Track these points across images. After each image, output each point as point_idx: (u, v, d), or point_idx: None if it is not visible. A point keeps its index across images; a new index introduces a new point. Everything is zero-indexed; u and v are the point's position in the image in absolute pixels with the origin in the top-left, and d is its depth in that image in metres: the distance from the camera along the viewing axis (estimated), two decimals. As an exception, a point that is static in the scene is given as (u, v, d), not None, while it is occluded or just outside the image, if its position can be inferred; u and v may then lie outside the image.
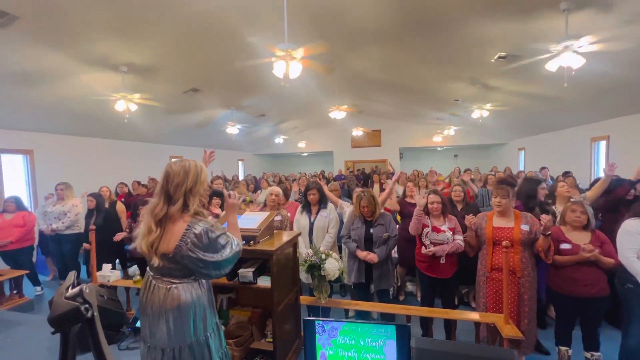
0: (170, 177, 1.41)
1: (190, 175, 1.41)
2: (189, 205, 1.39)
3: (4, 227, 3.94)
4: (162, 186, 1.41)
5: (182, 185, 1.39)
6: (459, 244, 2.63)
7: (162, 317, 1.38)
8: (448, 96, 7.56)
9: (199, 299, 1.45)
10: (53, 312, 0.75)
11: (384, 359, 2.01)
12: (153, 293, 1.40)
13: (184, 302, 1.39)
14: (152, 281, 1.43)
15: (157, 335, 1.39)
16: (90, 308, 0.74)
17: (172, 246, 1.35)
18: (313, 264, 2.39)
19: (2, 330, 3.00)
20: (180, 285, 1.40)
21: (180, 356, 1.39)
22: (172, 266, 1.39)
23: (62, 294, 0.75)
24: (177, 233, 1.36)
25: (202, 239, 1.36)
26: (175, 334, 1.38)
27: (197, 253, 1.36)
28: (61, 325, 0.76)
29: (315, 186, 3.19)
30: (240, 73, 5.73)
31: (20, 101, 4.81)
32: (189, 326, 1.41)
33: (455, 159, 14.49)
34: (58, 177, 5.37)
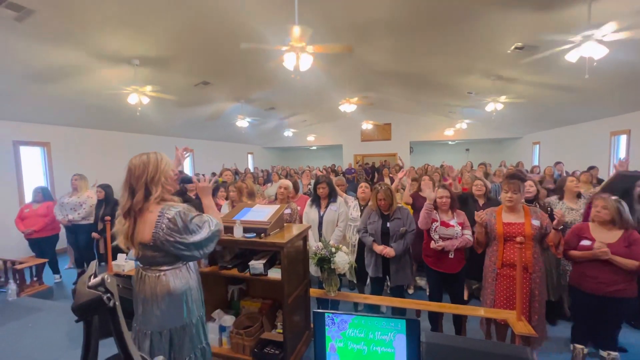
0: (131, 171, 1.47)
1: (149, 166, 1.46)
2: (151, 194, 1.43)
3: (31, 216, 4.12)
4: (125, 180, 1.48)
5: (142, 176, 1.44)
6: (467, 238, 2.61)
7: (154, 303, 1.44)
8: (461, 89, 7.39)
9: (188, 283, 1.52)
10: (76, 301, 0.77)
11: (394, 352, 2.01)
12: (144, 282, 1.47)
13: (174, 289, 1.46)
14: (141, 272, 1.50)
15: (152, 320, 1.45)
16: (112, 297, 0.75)
17: (149, 234, 1.41)
18: (323, 257, 2.40)
19: (24, 315, 3.14)
20: (169, 272, 1.46)
21: (178, 335, 1.48)
22: (156, 254, 1.45)
23: (84, 282, 0.77)
24: (151, 221, 1.42)
25: (176, 222, 1.41)
26: (170, 317, 1.46)
27: (175, 237, 1.41)
28: (84, 314, 0.78)
29: (325, 180, 3.19)
30: (250, 66, 5.72)
31: (36, 94, 4.92)
32: (182, 309, 1.49)
33: (466, 153, 14.24)
34: (74, 168, 5.51)
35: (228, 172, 4.90)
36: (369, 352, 2.06)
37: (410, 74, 6.94)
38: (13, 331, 2.84)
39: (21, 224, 4.11)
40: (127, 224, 1.45)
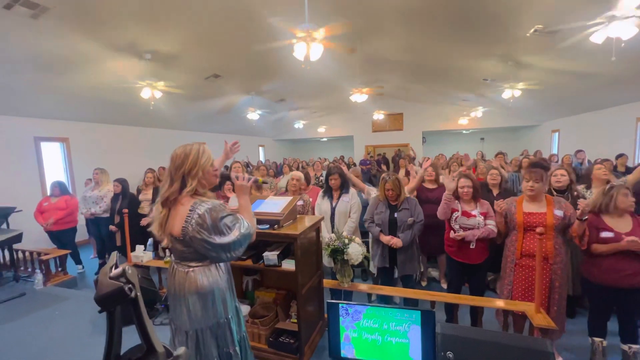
0: (172, 160, 1.45)
1: (189, 158, 1.43)
2: (186, 186, 1.40)
3: (50, 210, 4.29)
4: (168, 169, 1.46)
5: (181, 167, 1.41)
6: (490, 229, 2.53)
7: (182, 300, 1.42)
8: (476, 75, 7.15)
9: (217, 282, 1.46)
10: (99, 292, 0.78)
11: (408, 343, 2.01)
12: (174, 277, 1.45)
13: (202, 287, 1.41)
14: (174, 266, 1.48)
15: (180, 317, 1.44)
16: (133, 288, 0.77)
17: (179, 228, 1.37)
18: (336, 248, 2.40)
19: (51, 303, 3.29)
20: (198, 269, 1.42)
21: (203, 338, 1.42)
22: (184, 249, 1.41)
23: (106, 273, 0.78)
24: (182, 215, 1.38)
25: (205, 219, 1.34)
26: (196, 317, 1.42)
27: (203, 235, 1.34)
28: (107, 305, 0.80)
29: (337, 171, 3.16)
30: (260, 57, 5.68)
31: (54, 90, 5.05)
32: (209, 309, 1.43)
33: (481, 142, 13.87)
34: (92, 163, 5.67)
35: (238, 164, 4.93)
36: (384, 343, 2.07)
37: (423, 61, 6.75)
38: (42, 318, 2.99)
39: (40, 217, 4.28)
40: (163, 212, 1.44)
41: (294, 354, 2.17)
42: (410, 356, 2.02)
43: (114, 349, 0.81)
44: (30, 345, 2.56)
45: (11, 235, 3.38)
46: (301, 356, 2.15)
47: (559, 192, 2.81)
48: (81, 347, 2.49)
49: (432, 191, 3.58)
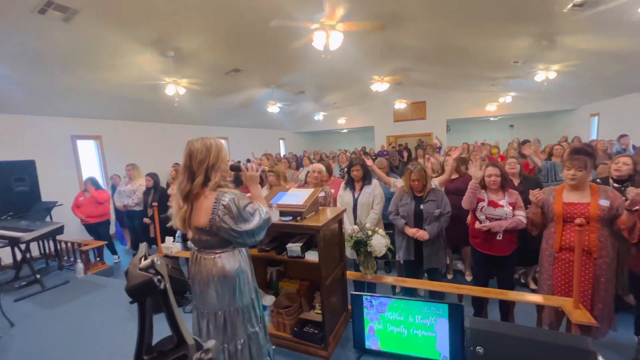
0: (193, 154, 1.46)
1: (212, 152, 1.47)
2: (210, 180, 1.45)
3: (85, 204, 4.59)
4: (184, 164, 1.48)
5: (205, 161, 1.45)
6: (519, 220, 2.41)
7: (211, 285, 1.50)
8: (506, 58, 6.72)
9: (241, 265, 1.56)
10: (129, 283, 0.80)
11: (435, 337, 1.97)
12: (200, 264, 1.53)
13: (229, 271, 1.50)
14: (197, 254, 1.56)
15: (209, 301, 1.52)
16: (162, 279, 0.78)
17: (206, 219, 1.44)
18: (359, 240, 2.37)
19: (91, 291, 3.52)
20: (223, 255, 1.51)
21: (231, 318, 1.53)
22: (211, 238, 1.49)
23: (135, 265, 0.80)
24: (208, 206, 1.44)
25: (231, 208, 1.43)
26: (225, 299, 1.51)
27: (229, 223, 1.44)
28: (137, 296, 0.81)
29: (359, 162, 3.11)
30: (280, 50, 5.66)
31: (88, 90, 5.32)
32: (236, 291, 1.53)
33: (511, 129, 13.16)
34: (123, 159, 5.96)
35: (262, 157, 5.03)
36: (409, 335, 2.04)
37: (448, 45, 6.44)
38: (83, 304, 3.21)
39: (77, 211, 4.58)
40: (185, 208, 1.47)
41: (318, 344, 2.19)
42: (437, 350, 1.97)
43: (146, 338, 0.83)
44: (75, 328, 2.76)
45: (54, 228, 3.64)
46: (326, 346, 2.16)
47: (619, 182, 2.56)
48: (119, 332, 2.65)
49: (452, 181, 3.45)
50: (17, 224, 3.66)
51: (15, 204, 4.10)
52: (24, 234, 3.38)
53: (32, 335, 2.68)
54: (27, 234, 3.39)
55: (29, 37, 3.66)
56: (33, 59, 4.07)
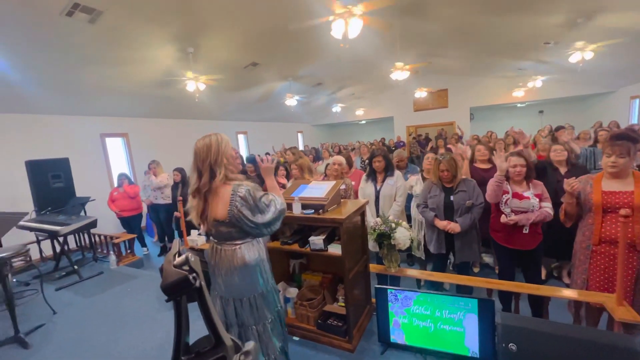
0: (197, 154, 1.54)
1: (211, 149, 1.52)
2: (216, 176, 1.50)
3: (119, 199, 4.82)
4: (193, 162, 1.56)
5: (207, 159, 1.51)
6: (547, 212, 2.29)
7: (233, 274, 1.57)
8: (536, 39, 6.30)
9: (260, 254, 1.63)
10: (164, 280, 0.80)
11: (464, 332, 1.91)
12: (221, 256, 1.59)
13: (249, 261, 1.57)
14: (216, 246, 1.62)
15: (233, 289, 1.59)
16: (197, 277, 0.77)
17: (225, 212, 1.49)
18: (382, 232, 2.32)
19: (124, 281, 3.70)
20: (243, 246, 1.58)
21: (256, 302, 1.62)
22: (231, 230, 1.55)
23: (170, 261, 0.80)
24: (225, 200, 1.50)
25: (247, 200, 1.49)
26: (248, 286, 1.60)
27: (247, 214, 1.50)
28: (173, 293, 0.80)
29: (381, 153, 3.03)
30: (297, 41, 5.60)
31: (114, 89, 5.51)
32: (258, 279, 1.62)
33: (540, 115, 12.44)
34: (148, 155, 6.17)
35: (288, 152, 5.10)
36: (436, 330, 1.99)
37: (471, 28, 6.11)
38: (116, 294, 3.39)
39: (112, 205, 4.80)
40: (195, 203, 1.56)
41: (342, 336, 2.19)
42: (466, 345, 1.92)
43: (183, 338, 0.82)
44: (109, 316, 2.92)
45: (89, 221, 3.84)
46: (350, 339, 2.16)
47: None
48: (150, 321, 2.77)
49: (487, 171, 3.29)
50: (55, 218, 3.89)
51: (53, 199, 4.36)
52: (61, 227, 3.59)
53: (72, 323, 2.86)
54: (64, 227, 3.60)
55: (58, 39, 3.81)
56: (62, 61, 4.25)
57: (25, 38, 3.60)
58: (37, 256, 4.64)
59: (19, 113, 4.99)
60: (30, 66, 4.14)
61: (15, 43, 3.63)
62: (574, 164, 2.98)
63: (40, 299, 3.12)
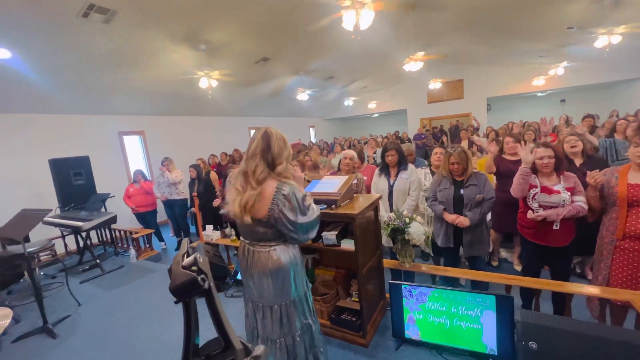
0: (271, 143, 1.44)
1: (287, 143, 1.48)
2: (280, 169, 1.45)
3: (135, 195, 4.95)
4: (260, 149, 1.43)
5: (283, 151, 1.46)
6: (580, 206, 2.12)
7: (267, 278, 1.48)
8: (558, 24, 5.99)
9: (295, 258, 1.54)
10: (173, 282, 0.79)
11: (481, 329, 1.86)
12: (254, 258, 1.50)
13: (284, 263, 1.48)
14: (249, 247, 1.53)
15: (265, 294, 1.51)
16: (206, 278, 0.77)
17: (265, 210, 1.41)
18: (396, 227, 2.29)
19: (144, 275, 3.82)
20: (278, 247, 1.49)
21: (287, 311, 1.52)
22: (267, 230, 1.46)
23: (178, 262, 0.80)
24: (268, 196, 1.41)
25: (290, 199, 1.41)
26: (281, 292, 1.50)
27: (288, 214, 1.41)
28: (181, 295, 0.79)
29: (394, 147, 2.97)
30: (307, 34, 5.54)
31: (129, 88, 5.64)
32: (291, 284, 1.51)
33: (562, 104, 11.91)
34: (164, 152, 6.31)
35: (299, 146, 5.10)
36: (452, 327, 1.95)
37: (489, 15, 5.88)
38: (137, 287, 3.51)
39: (129, 201, 4.95)
40: (256, 192, 1.41)
41: (356, 331, 2.18)
42: (484, 342, 1.88)
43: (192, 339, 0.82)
44: (130, 309, 3.03)
45: (109, 217, 3.97)
46: (364, 334, 2.15)
47: None
48: (168, 313, 2.85)
49: (515, 163, 3.15)
50: (77, 214, 4.05)
51: (75, 196, 4.54)
52: (84, 223, 3.73)
53: (96, 315, 2.98)
54: (86, 223, 3.74)
55: (76, 41, 3.91)
56: (80, 61, 4.37)
57: (44, 40, 3.71)
58: (63, 250, 4.86)
59: (42, 113, 5.18)
60: (50, 68, 4.27)
61: (35, 46, 3.75)
62: (591, 156, 2.83)
63: (65, 292, 3.27)
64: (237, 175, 1.49)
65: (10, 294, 3.54)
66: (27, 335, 2.65)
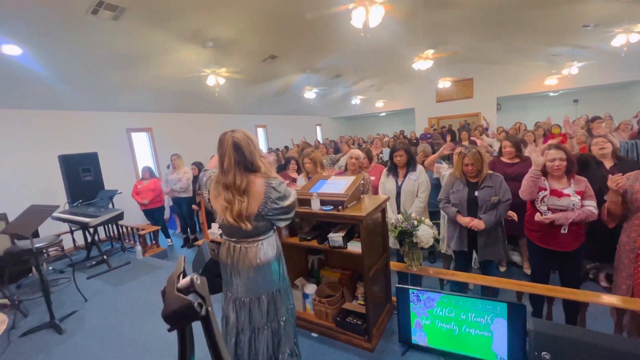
0: (241, 145, 1.47)
1: (252, 142, 1.51)
2: (256, 169, 1.52)
3: (143, 191, 4.97)
4: (232, 157, 1.46)
5: (254, 152, 1.51)
6: (590, 211, 2.07)
7: (254, 272, 1.54)
8: (573, 21, 5.83)
9: (280, 249, 1.65)
10: (166, 307, 0.71)
11: (491, 337, 1.81)
12: (241, 254, 1.55)
13: (271, 256, 1.57)
14: (234, 245, 1.57)
15: (252, 287, 1.56)
16: (204, 303, 0.71)
17: (257, 207, 1.48)
18: (404, 230, 2.24)
19: (149, 271, 3.84)
20: (265, 242, 1.57)
21: (274, 299, 1.61)
22: (258, 225, 1.52)
23: (173, 284, 0.74)
24: (259, 193, 1.49)
25: (279, 189, 1.52)
26: (268, 282, 1.58)
27: (280, 203, 1.52)
28: (175, 323, 0.73)
29: (403, 147, 2.92)
30: (315, 32, 5.49)
31: (138, 85, 5.67)
32: (277, 274, 1.61)
33: (574, 105, 11.63)
34: (171, 149, 6.33)
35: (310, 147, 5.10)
36: (461, 333, 1.90)
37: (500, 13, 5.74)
38: (143, 283, 3.52)
39: (137, 197, 4.97)
40: (246, 201, 1.46)
41: (361, 335, 2.14)
42: (493, 351, 1.82)
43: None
44: (136, 305, 3.03)
45: (116, 214, 3.99)
46: (369, 338, 2.11)
47: None
48: (174, 311, 2.85)
49: (511, 166, 3.10)
50: (85, 210, 4.08)
51: (84, 192, 4.58)
52: (91, 219, 3.76)
53: (102, 311, 3.00)
54: (94, 219, 3.76)
55: (85, 37, 3.93)
56: (89, 58, 4.39)
57: (53, 37, 3.73)
58: (71, 245, 4.92)
59: (52, 109, 5.24)
60: (59, 65, 4.30)
61: (45, 42, 3.77)
62: (621, 158, 2.73)
63: (73, 286, 3.30)
64: (217, 187, 1.52)
65: (19, 288, 3.59)
66: (34, 330, 2.68)
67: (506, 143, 3.14)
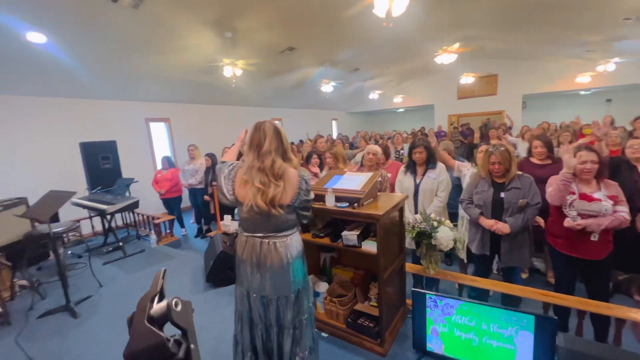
0: (281, 134, 1.54)
1: (282, 133, 1.56)
2: (290, 158, 1.54)
3: (162, 180, 5.04)
4: (274, 143, 1.49)
5: (281, 141, 1.53)
6: (623, 217, 1.92)
7: (283, 269, 1.49)
8: (613, 13, 5.40)
9: (302, 245, 1.62)
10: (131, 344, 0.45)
11: (514, 350, 1.68)
12: (269, 250, 1.48)
13: (297, 252, 1.55)
14: (261, 241, 1.49)
15: (280, 285, 1.51)
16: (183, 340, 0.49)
17: (290, 196, 1.47)
18: (422, 231, 2.12)
19: (163, 260, 3.88)
20: (293, 236, 1.55)
21: (300, 296, 1.58)
22: (289, 217, 1.51)
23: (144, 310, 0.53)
24: (294, 183, 1.48)
25: (309, 183, 1.54)
26: (295, 280, 1.55)
27: (307, 195, 1.53)
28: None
29: (423, 143, 2.77)
30: (335, 23, 5.34)
31: (156, 75, 5.71)
32: (302, 270, 1.58)
33: (607, 105, 10.95)
34: (188, 140, 6.39)
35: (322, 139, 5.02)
36: (481, 344, 1.77)
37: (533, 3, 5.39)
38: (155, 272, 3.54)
39: (156, 186, 5.04)
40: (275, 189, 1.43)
41: (374, 338, 2.06)
42: (517, 366, 1.69)
43: None
44: (148, 294, 3.06)
45: (132, 202, 4.05)
46: (382, 342, 2.03)
47: None
48: (184, 301, 2.85)
49: (541, 168, 2.89)
50: (103, 197, 4.16)
51: (102, 179, 4.67)
52: (109, 206, 3.82)
53: (116, 297, 3.04)
54: (111, 206, 3.83)
55: (105, 26, 3.95)
56: (110, 47, 4.43)
57: (75, 25, 3.77)
58: (90, 231, 5.05)
59: (74, 97, 5.36)
60: (81, 53, 4.37)
61: (67, 30, 3.82)
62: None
63: (89, 271, 3.37)
64: (250, 172, 1.47)
65: (40, 270, 3.71)
66: (51, 312, 2.74)
67: (537, 143, 2.93)
